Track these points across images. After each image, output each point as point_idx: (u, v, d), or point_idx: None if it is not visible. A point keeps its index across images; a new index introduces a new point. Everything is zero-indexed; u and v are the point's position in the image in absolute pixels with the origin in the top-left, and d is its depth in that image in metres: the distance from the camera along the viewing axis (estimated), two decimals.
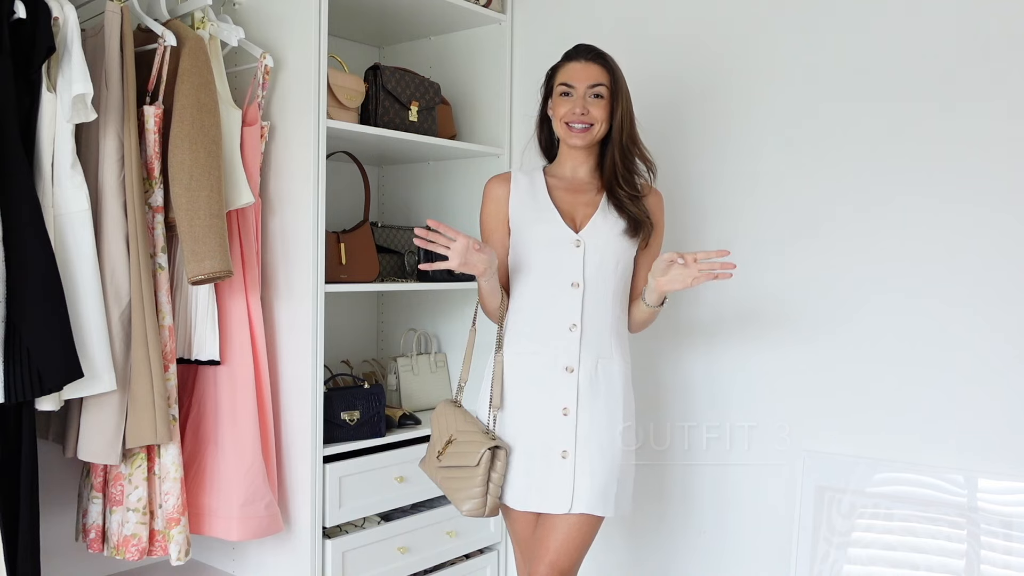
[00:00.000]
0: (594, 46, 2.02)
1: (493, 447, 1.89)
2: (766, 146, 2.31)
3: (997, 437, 1.98)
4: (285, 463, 2.28)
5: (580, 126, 1.96)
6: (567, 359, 1.94)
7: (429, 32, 2.88)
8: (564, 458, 1.91)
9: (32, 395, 1.78)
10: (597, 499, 1.90)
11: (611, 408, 1.95)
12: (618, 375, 1.98)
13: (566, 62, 2.02)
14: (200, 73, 2.04)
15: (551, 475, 1.91)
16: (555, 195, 2.02)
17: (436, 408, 2.04)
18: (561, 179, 2.05)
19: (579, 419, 1.92)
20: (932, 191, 2.06)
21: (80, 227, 1.89)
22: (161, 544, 2.07)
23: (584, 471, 1.90)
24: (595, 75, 1.97)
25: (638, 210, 1.98)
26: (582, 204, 2.01)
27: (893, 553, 2.07)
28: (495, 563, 2.73)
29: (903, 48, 2.10)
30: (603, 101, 1.97)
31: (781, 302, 2.28)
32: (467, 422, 1.96)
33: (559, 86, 2.00)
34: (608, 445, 1.93)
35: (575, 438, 1.91)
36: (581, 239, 1.96)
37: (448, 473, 1.93)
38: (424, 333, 2.93)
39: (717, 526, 2.40)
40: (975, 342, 2.01)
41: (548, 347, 1.95)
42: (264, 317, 2.28)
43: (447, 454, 1.93)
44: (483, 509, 1.89)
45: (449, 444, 1.94)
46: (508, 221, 2.03)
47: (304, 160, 2.22)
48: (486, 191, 2.07)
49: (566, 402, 1.92)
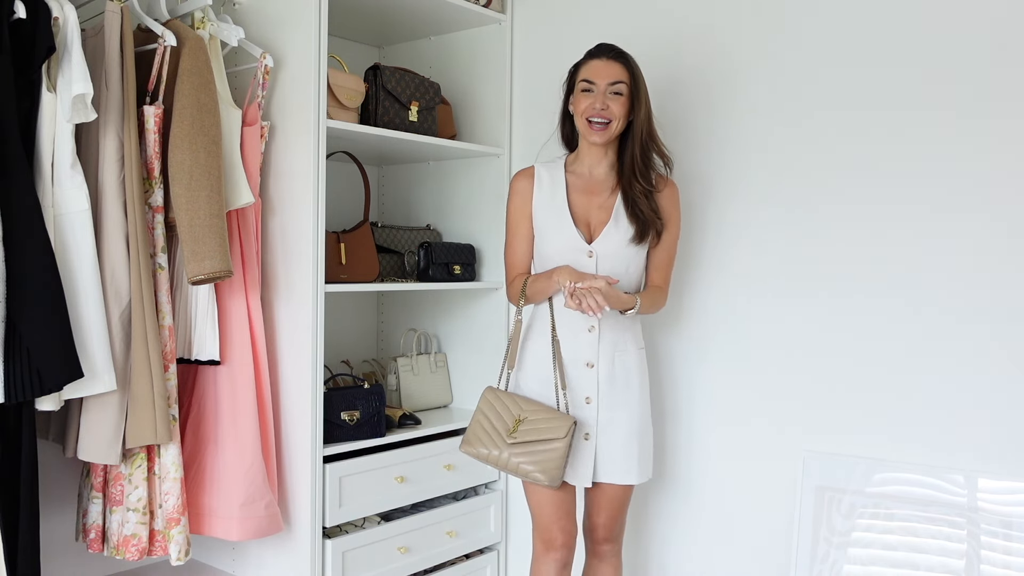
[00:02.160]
0: (616, 45, 2.12)
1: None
2: (766, 147, 2.31)
3: (997, 437, 1.98)
4: (285, 463, 2.28)
5: (599, 122, 2.07)
6: (587, 356, 2.12)
7: (429, 32, 2.88)
8: (587, 440, 2.12)
9: (32, 395, 1.78)
10: (618, 471, 2.13)
11: (628, 394, 2.15)
12: (634, 365, 2.16)
13: (588, 60, 2.12)
14: (200, 73, 2.04)
15: (576, 454, 2.11)
16: (572, 197, 2.15)
17: (484, 395, 2.13)
18: (579, 176, 2.18)
19: (600, 407, 2.12)
20: (933, 195, 2.06)
21: (80, 227, 1.89)
22: (161, 544, 2.07)
23: (605, 450, 2.12)
24: (615, 73, 2.07)
25: (650, 209, 2.11)
26: (596, 207, 2.14)
27: (893, 553, 2.07)
28: (495, 563, 2.73)
29: (905, 48, 2.10)
30: (622, 98, 2.07)
31: (782, 302, 2.28)
32: (529, 402, 2.09)
33: (581, 82, 2.10)
34: (626, 425, 2.13)
35: (596, 423, 2.12)
36: (593, 250, 2.11)
37: (525, 448, 2.04)
38: (424, 333, 2.93)
39: (717, 526, 2.40)
40: (975, 343, 2.01)
41: (570, 345, 2.12)
42: (264, 317, 2.28)
43: (520, 431, 2.05)
44: (561, 477, 2.04)
45: (519, 423, 2.06)
46: (531, 218, 2.18)
47: (304, 160, 2.22)
48: (512, 186, 2.22)
49: (588, 392, 2.12)
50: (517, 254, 2.21)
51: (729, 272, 2.37)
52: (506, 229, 2.23)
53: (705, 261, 2.41)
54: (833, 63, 2.20)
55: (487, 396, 2.13)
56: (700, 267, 2.42)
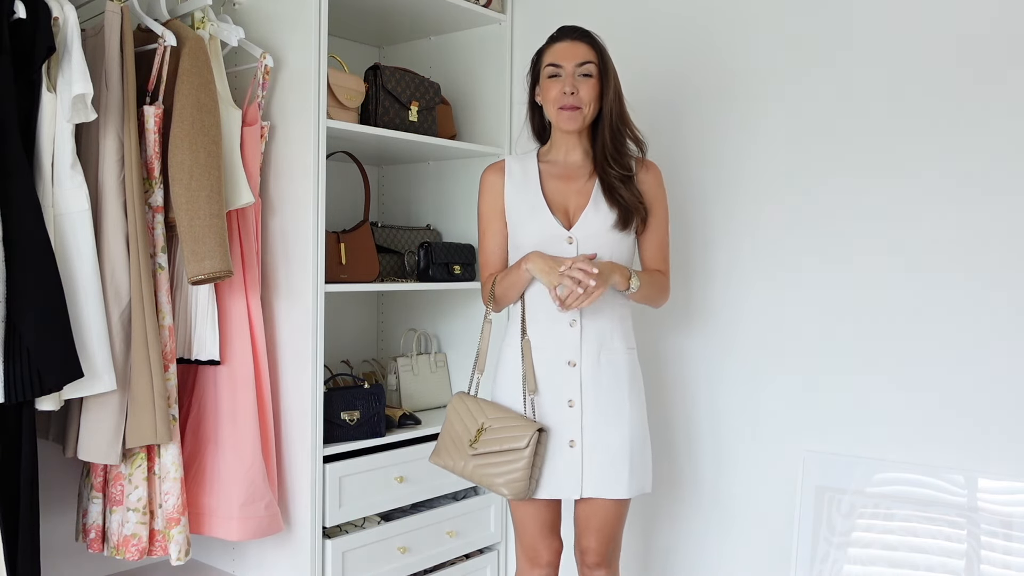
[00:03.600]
0: (579, 26, 2.02)
1: (539, 429, 1.91)
2: (766, 149, 2.31)
3: (997, 437, 1.98)
4: (285, 463, 2.28)
5: (571, 111, 1.96)
6: (569, 354, 1.98)
7: (429, 32, 2.88)
8: (572, 447, 1.96)
9: (32, 395, 1.78)
10: (607, 483, 1.96)
11: (616, 396, 1.99)
12: (622, 363, 2.01)
13: (552, 43, 2.02)
14: (200, 73, 2.04)
15: (560, 463, 1.96)
16: (547, 185, 2.03)
17: (451, 402, 2.03)
18: (554, 164, 2.06)
19: (584, 410, 1.97)
20: (933, 195, 2.06)
21: (80, 227, 1.89)
22: (161, 544, 2.07)
23: (591, 459, 1.96)
24: (582, 53, 1.97)
25: (630, 194, 1.99)
26: (574, 193, 2.02)
27: (893, 553, 2.07)
28: (495, 563, 2.73)
29: (909, 49, 2.10)
30: (592, 80, 1.97)
31: (782, 302, 2.29)
32: (495, 409, 1.97)
33: (547, 67, 2.00)
34: (616, 431, 1.97)
35: (581, 428, 1.96)
36: (573, 236, 1.98)
37: (485, 460, 1.93)
38: (424, 333, 2.93)
39: (717, 526, 2.40)
40: (975, 343, 2.01)
41: (550, 342, 1.98)
42: (264, 317, 2.28)
43: (481, 441, 1.94)
44: (527, 490, 1.92)
45: (482, 432, 1.94)
46: (504, 212, 2.05)
47: (304, 160, 2.22)
48: (482, 181, 2.10)
49: (570, 394, 1.97)
50: (489, 252, 2.08)
51: (729, 272, 2.37)
52: (478, 229, 2.11)
53: (704, 261, 2.41)
54: (837, 63, 2.20)
55: (454, 402, 2.01)
56: (699, 267, 2.42)
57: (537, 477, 1.95)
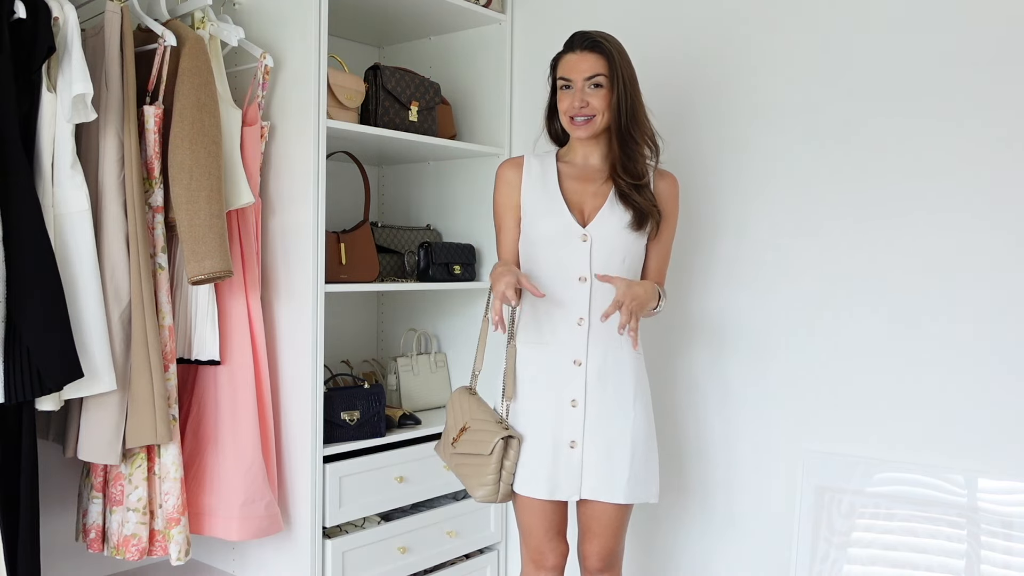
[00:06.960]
0: (590, 33, 1.99)
1: (506, 436, 1.92)
2: (766, 150, 2.31)
3: (997, 437, 1.98)
4: (285, 463, 2.28)
5: (582, 119, 1.96)
6: (575, 352, 1.96)
7: (429, 32, 2.88)
8: (572, 448, 1.95)
9: (32, 395, 1.78)
10: (605, 486, 1.95)
11: (621, 399, 1.97)
12: (628, 365, 1.99)
13: (564, 54, 2.01)
14: (200, 73, 2.04)
15: (560, 464, 1.95)
16: (565, 184, 2.02)
17: (452, 395, 2.06)
18: (572, 166, 2.05)
19: (587, 411, 1.95)
20: (934, 196, 2.06)
21: (80, 227, 1.89)
22: (161, 544, 2.07)
23: (592, 461, 1.95)
24: (591, 66, 1.95)
25: (644, 200, 1.97)
26: (591, 195, 2.01)
27: (893, 553, 2.07)
28: (495, 563, 2.73)
29: (909, 50, 2.10)
30: (603, 91, 1.95)
31: (783, 302, 2.28)
32: (481, 411, 1.99)
33: (559, 80, 2.00)
34: (618, 435, 1.95)
35: (583, 429, 1.95)
36: (588, 234, 1.97)
37: (462, 460, 1.97)
38: (424, 333, 2.93)
39: (717, 525, 2.40)
40: (975, 343, 2.01)
41: (556, 340, 1.97)
42: (264, 317, 2.28)
43: (461, 441, 1.97)
44: (495, 496, 1.95)
45: (463, 431, 1.97)
46: (519, 207, 2.04)
47: (304, 160, 2.22)
48: (498, 175, 2.08)
49: (574, 394, 1.95)
50: (502, 247, 2.07)
51: (729, 273, 2.37)
52: (494, 223, 2.09)
53: (705, 262, 2.41)
54: (838, 62, 2.20)
55: (453, 396, 2.04)
56: (700, 268, 2.42)
57: (510, 482, 1.94)
